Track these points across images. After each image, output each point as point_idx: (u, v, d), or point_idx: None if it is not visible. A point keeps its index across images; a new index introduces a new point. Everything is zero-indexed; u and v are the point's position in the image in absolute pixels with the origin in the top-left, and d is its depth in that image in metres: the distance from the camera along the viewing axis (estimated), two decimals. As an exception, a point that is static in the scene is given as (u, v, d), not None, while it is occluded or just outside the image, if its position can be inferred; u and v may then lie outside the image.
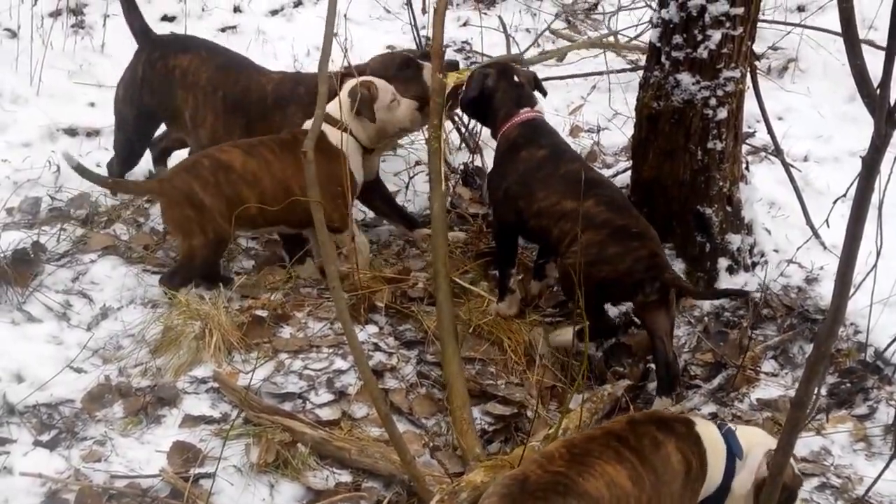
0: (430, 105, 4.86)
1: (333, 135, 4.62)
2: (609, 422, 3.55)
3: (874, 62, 2.36)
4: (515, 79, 4.78)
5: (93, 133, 5.75)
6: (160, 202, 4.73)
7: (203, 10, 7.36)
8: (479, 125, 5.76)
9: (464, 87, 4.82)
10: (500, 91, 4.75)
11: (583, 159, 4.78)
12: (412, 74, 5.03)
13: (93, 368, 4.32)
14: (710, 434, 3.44)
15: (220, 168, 4.58)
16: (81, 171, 4.61)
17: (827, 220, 4.50)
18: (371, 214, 5.43)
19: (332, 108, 4.63)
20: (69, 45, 6.65)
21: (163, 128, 5.47)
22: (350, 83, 4.74)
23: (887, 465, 3.56)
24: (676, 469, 3.29)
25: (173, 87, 5.13)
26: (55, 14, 6.86)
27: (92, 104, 6.20)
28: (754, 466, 3.44)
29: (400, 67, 5.06)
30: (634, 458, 3.21)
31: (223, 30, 7.15)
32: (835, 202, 4.09)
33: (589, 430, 3.52)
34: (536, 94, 4.85)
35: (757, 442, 3.51)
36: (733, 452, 3.43)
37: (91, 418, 4.07)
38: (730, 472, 3.43)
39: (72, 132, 5.97)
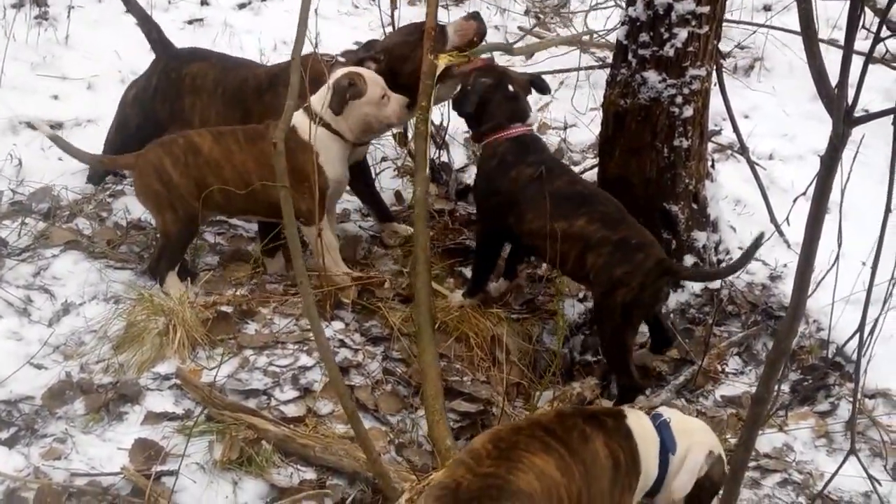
0: (420, 87, 4.81)
1: (304, 128, 4.55)
2: (536, 413, 3.50)
3: (838, 61, 2.37)
4: (510, 89, 4.68)
5: (56, 126, 5.66)
6: (133, 175, 4.72)
7: (169, 2, 7.28)
8: (447, 120, 5.77)
9: (461, 95, 4.72)
10: (494, 102, 4.64)
11: (572, 173, 4.67)
12: (437, 35, 4.96)
13: (54, 365, 4.26)
14: (642, 427, 3.43)
15: (190, 149, 4.59)
16: (59, 143, 4.66)
17: (787, 218, 4.54)
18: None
19: (316, 99, 4.60)
20: (32, 36, 6.54)
21: None
22: (337, 73, 4.67)
23: (844, 461, 3.59)
24: (604, 464, 3.28)
25: (182, 94, 5.16)
26: (18, 5, 6.75)
27: (55, 97, 6.13)
28: (695, 468, 3.43)
29: (420, 32, 4.98)
30: (562, 449, 3.19)
31: (190, 22, 7.08)
32: (795, 200, 4.12)
33: (515, 422, 3.49)
34: (535, 96, 4.86)
35: (697, 441, 3.49)
36: (666, 447, 3.43)
37: (51, 415, 4.02)
38: (664, 465, 3.42)
39: (34, 126, 5.86)
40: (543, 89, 4.87)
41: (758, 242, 4.06)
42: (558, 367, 4.48)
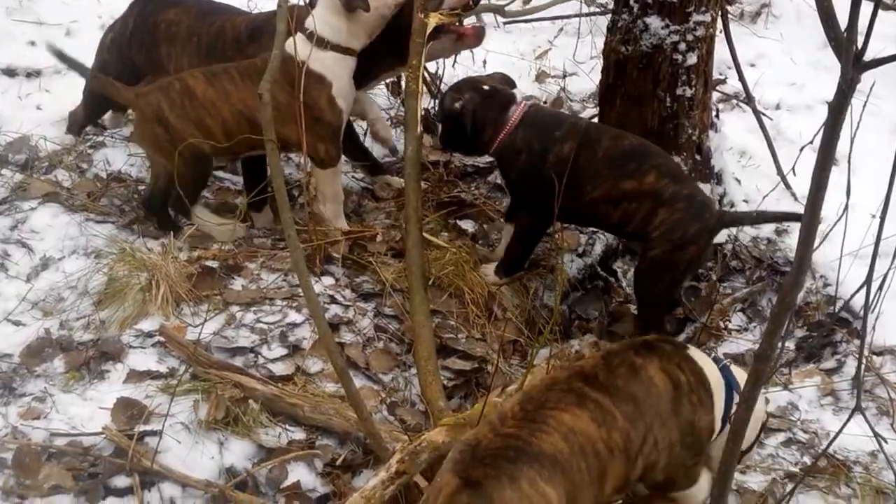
0: (410, 45, 4.67)
1: (315, 59, 4.40)
2: (582, 360, 3.42)
3: (848, 7, 2.28)
4: (485, 88, 4.46)
5: (33, 73, 5.56)
6: (134, 116, 4.64)
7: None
8: (444, 69, 5.61)
9: (450, 129, 4.49)
10: (481, 107, 4.39)
11: (606, 128, 4.49)
12: None
13: (32, 321, 4.16)
14: (704, 362, 3.37)
15: (186, 93, 4.48)
16: (62, 57, 4.61)
17: (793, 169, 4.40)
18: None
19: (319, 21, 4.42)
20: (7, -20, 6.42)
21: None
22: None
23: (849, 418, 3.48)
24: (661, 388, 3.20)
25: (159, 42, 5.04)
26: (-7, -52, 6.59)
27: (32, 43, 6.04)
28: (760, 415, 3.42)
29: None
30: (602, 396, 3.10)
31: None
32: (802, 149, 3.99)
33: (555, 373, 3.39)
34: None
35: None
36: (731, 386, 3.36)
37: (30, 373, 3.93)
38: (728, 407, 3.35)
39: (10, 73, 5.80)
40: (510, 84, 4.65)
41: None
42: (556, 323, 4.37)
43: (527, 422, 2.99)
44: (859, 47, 2.34)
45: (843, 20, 2.33)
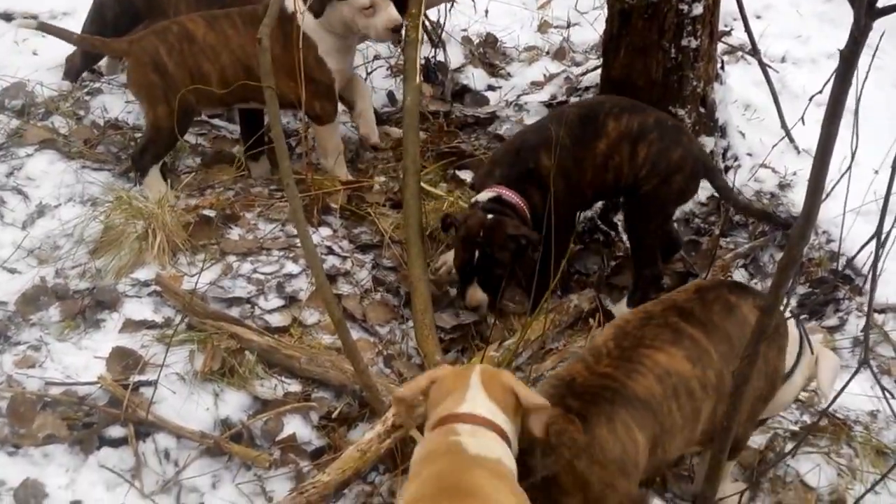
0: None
1: (303, 17, 4.34)
2: (675, 291, 3.34)
3: None
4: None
5: (30, 18, 5.44)
6: (128, 63, 4.55)
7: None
8: (444, 17, 5.54)
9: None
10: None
11: (555, 122, 4.20)
12: None
13: (28, 269, 4.14)
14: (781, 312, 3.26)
15: (185, 37, 4.42)
16: (45, 28, 4.54)
17: (802, 118, 4.35)
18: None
19: None
20: (4, -77, 6.29)
21: None
22: None
23: (852, 377, 3.45)
24: (751, 321, 3.09)
25: None
26: None
27: (29, -13, 5.92)
28: (837, 367, 3.42)
29: None
30: (699, 332, 3.05)
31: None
32: (811, 98, 3.92)
33: (649, 305, 3.24)
34: None
35: (822, 347, 3.47)
36: (807, 342, 3.33)
37: (25, 322, 3.91)
38: (796, 363, 3.32)
39: (7, 17, 5.73)
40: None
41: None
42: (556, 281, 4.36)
43: (623, 361, 2.94)
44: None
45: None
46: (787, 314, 3.36)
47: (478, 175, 4.28)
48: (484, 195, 4.06)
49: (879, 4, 2.33)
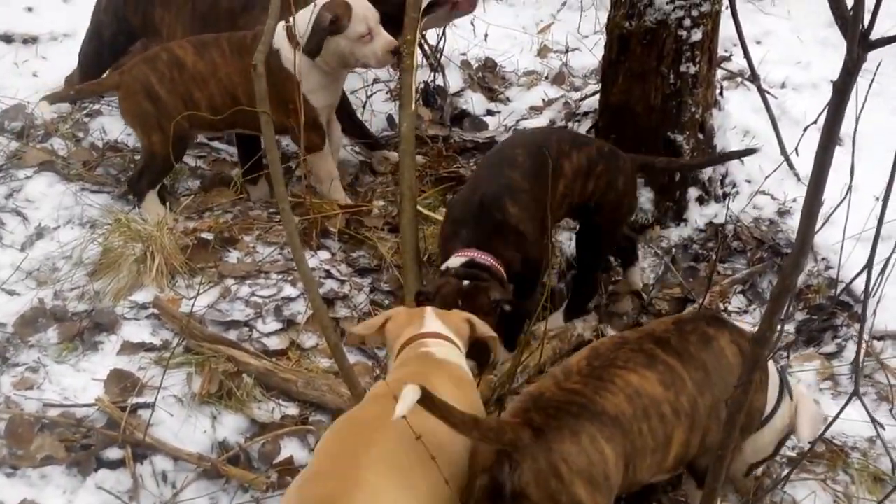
0: (405, 20, 4.62)
1: (286, 54, 4.33)
2: (654, 322, 3.38)
3: None
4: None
5: (30, 40, 5.52)
6: (119, 94, 4.56)
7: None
8: (443, 42, 5.55)
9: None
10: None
11: (508, 156, 4.11)
12: None
13: (26, 291, 4.16)
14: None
15: (175, 64, 4.43)
16: (51, 100, 4.53)
17: (796, 149, 4.35)
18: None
19: (301, 19, 4.35)
20: (5, -55, 6.34)
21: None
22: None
23: (846, 403, 3.46)
24: (732, 361, 3.15)
25: (154, 5, 4.99)
26: None
27: (29, 9, 6.01)
28: (820, 417, 3.44)
29: None
30: (673, 359, 3.05)
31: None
32: (805, 129, 3.93)
33: (625, 333, 3.31)
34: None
35: (803, 393, 3.49)
36: (787, 387, 3.33)
37: (24, 343, 3.92)
38: (776, 405, 3.32)
39: (7, 39, 5.75)
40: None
41: (750, 150, 4.34)
42: (547, 300, 4.36)
43: (592, 379, 2.94)
44: (866, 26, 2.29)
45: (849, -2, 2.28)
46: (773, 351, 3.38)
47: (441, 238, 4.03)
48: (455, 260, 3.80)
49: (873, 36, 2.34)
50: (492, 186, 3.93)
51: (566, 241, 4.61)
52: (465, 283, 3.69)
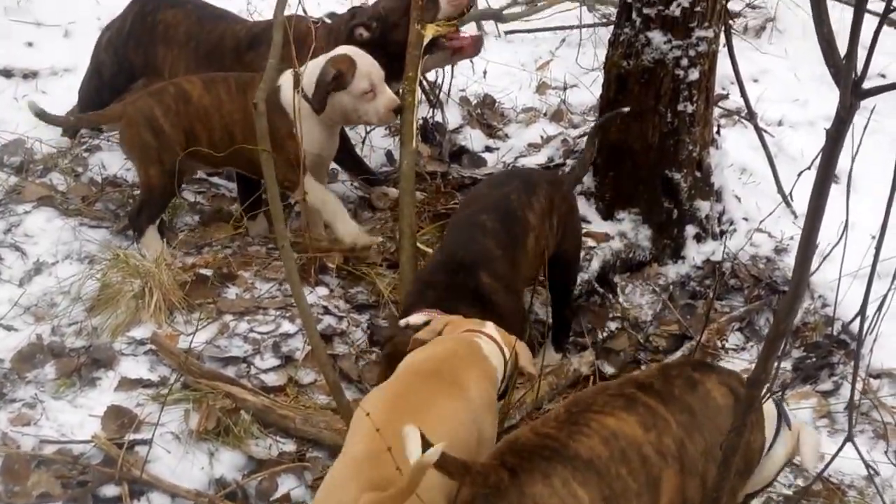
0: (407, 58, 4.65)
1: (287, 92, 4.31)
2: (638, 371, 3.40)
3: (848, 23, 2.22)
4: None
5: (30, 74, 5.53)
6: (120, 125, 4.55)
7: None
8: (442, 78, 5.57)
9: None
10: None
11: (476, 221, 4.01)
12: (430, 3, 4.74)
13: (24, 326, 4.14)
14: None
15: (181, 97, 4.44)
16: (43, 116, 4.55)
17: (791, 193, 4.39)
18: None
19: (309, 70, 4.35)
20: (6, -21, 6.39)
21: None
22: (334, 53, 4.40)
23: (842, 446, 3.45)
24: (721, 403, 3.10)
25: (156, 43, 5.00)
26: (-9, -56, 6.55)
27: (30, 44, 6.00)
28: (818, 444, 3.42)
29: None
30: (654, 402, 3.02)
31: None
32: (800, 174, 3.95)
33: (609, 382, 3.31)
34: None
35: (804, 424, 3.49)
36: (784, 419, 3.30)
37: (21, 379, 3.90)
38: (774, 438, 3.28)
39: (7, 73, 5.75)
40: None
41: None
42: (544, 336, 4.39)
43: (568, 424, 2.92)
44: (858, 74, 2.30)
45: (846, 35, 2.28)
46: (767, 393, 3.37)
47: (406, 294, 3.99)
48: (416, 318, 3.67)
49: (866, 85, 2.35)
50: (466, 254, 3.86)
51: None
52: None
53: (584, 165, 4.65)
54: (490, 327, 3.36)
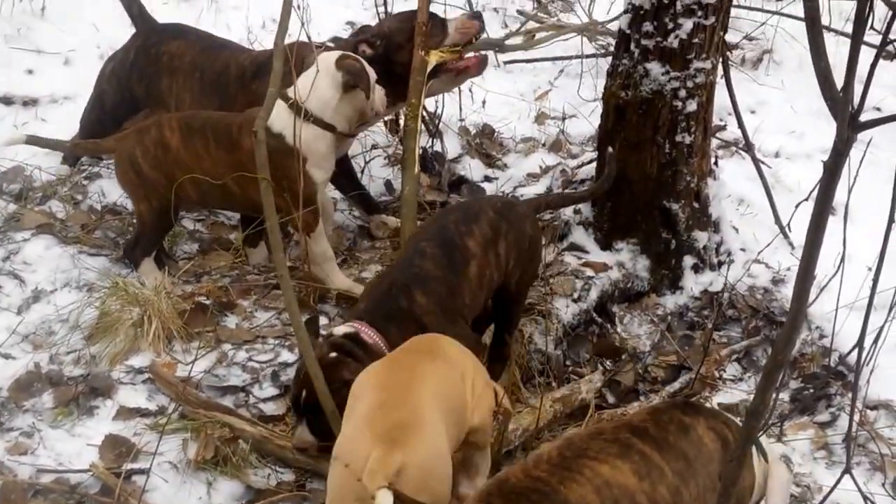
0: (410, 83, 4.65)
1: (289, 132, 4.22)
2: (631, 414, 3.39)
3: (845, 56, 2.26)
4: None
5: (30, 102, 5.53)
6: (114, 159, 4.59)
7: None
8: (442, 108, 5.58)
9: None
10: None
11: (418, 248, 4.00)
12: (437, 30, 4.76)
13: (22, 354, 4.12)
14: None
15: (160, 144, 4.39)
16: (35, 141, 4.54)
17: (789, 224, 4.40)
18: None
19: (303, 88, 4.30)
20: (6, 7, 6.36)
21: None
22: (328, 56, 4.36)
23: (840, 478, 3.46)
24: (711, 448, 3.12)
25: (160, 74, 4.99)
26: (-9, -27, 6.56)
27: (30, 71, 5.98)
28: (789, 482, 3.44)
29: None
30: (649, 449, 3.01)
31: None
32: (797, 206, 3.98)
33: (603, 424, 3.35)
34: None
35: (777, 456, 3.48)
36: (759, 451, 3.30)
37: (18, 408, 3.88)
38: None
39: (7, 101, 5.73)
40: None
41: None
42: (553, 369, 4.37)
43: (560, 468, 2.90)
44: (855, 107, 2.32)
45: (843, 67, 2.29)
46: (764, 433, 3.37)
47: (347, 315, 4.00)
48: (340, 329, 3.71)
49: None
50: (402, 275, 3.87)
51: (563, 307, 4.61)
52: (332, 354, 3.63)
53: (608, 180, 4.62)
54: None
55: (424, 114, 5.55)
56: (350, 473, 2.95)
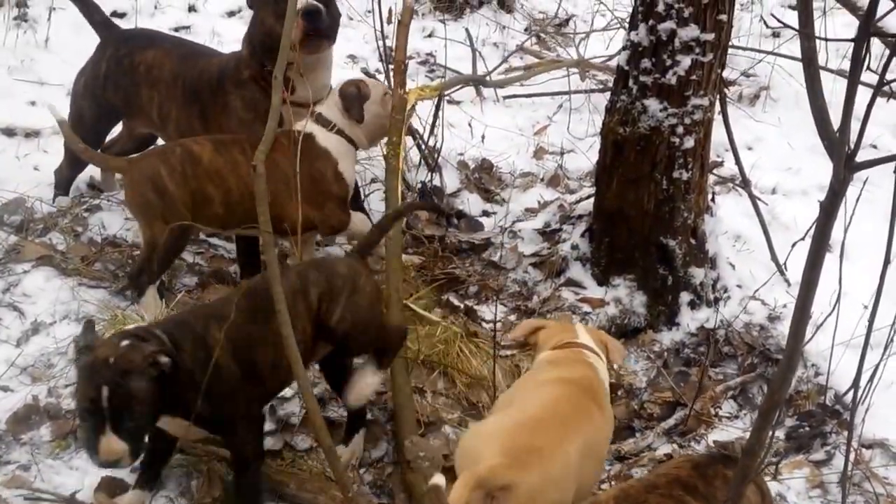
0: (390, 122, 4.70)
1: (322, 136, 4.55)
2: (667, 467, 3.35)
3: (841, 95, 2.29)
4: None
5: (32, 134, 5.54)
6: (124, 182, 4.59)
7: (156, 7, 7.11)
8: (440, 141, 5.61)
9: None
10: None
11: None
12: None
13: (20, 387, 4.12)
14: None
15: (188, 159, 4.43)
16: (63, 125, 4.55)
17: (785, 263, 4.40)
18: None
19: (325, 110, 4.61)
20: (10, 38, 6.41)
21: (114, 132, 5.31)
22: (340, 83, 4.68)
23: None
24: (753, 501, 3.19)
25: (139, 85, 4.95)
26: (-3, 6, 6.62)
27: (32, 103, 5.98)
28: None
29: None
30: None
31: (176, 29, 6.81)
32: (794, 245, 3.98)
33: (651, 476, 3.32)
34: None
35: None
36: None
37: (16, 441, 3.89)
38: None
39: (9, 132, 5.74)
40: None
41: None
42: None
43: None
44: (852, 147, 2.34)
45: (839, 106, 2.31)
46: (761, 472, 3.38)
47: None
48: (132, 327, 3.48)
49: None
50: (206, 308, 3.78)
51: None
52: (124, 342, 3.28)
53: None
54: (580, 331, 3.87)
55: (424, 148, 5.60)
56: (464, 465, 3.16)
